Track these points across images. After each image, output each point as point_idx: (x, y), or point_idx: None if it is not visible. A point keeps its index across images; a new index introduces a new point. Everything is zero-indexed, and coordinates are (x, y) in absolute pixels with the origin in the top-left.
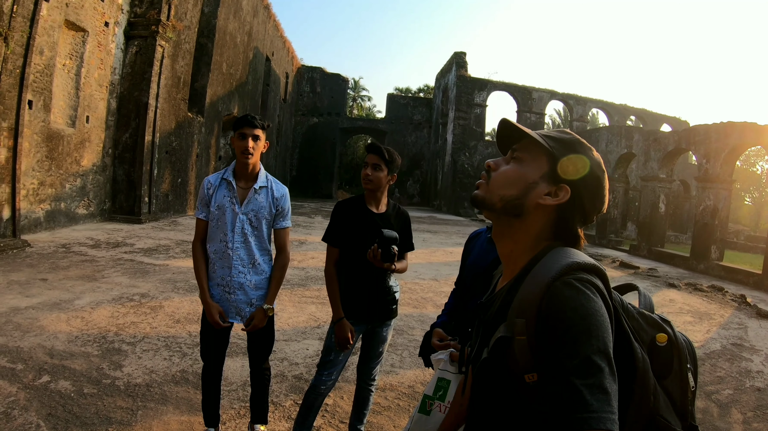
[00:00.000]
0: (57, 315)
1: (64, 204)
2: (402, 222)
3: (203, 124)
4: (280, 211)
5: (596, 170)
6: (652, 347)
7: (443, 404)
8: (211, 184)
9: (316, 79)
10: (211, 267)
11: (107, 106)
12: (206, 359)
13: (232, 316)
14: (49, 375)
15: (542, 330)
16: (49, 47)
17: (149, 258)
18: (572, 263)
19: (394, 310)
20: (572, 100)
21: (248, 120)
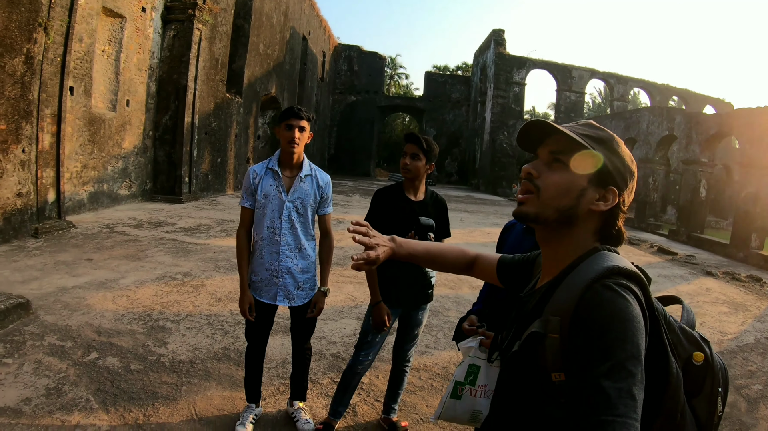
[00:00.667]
0: (103, 294)
1: (106, 185)
2: (439, 210)
3: (241, 104)
4: (325, 197)
5: (631, 163)
6: (688, 364)
7: (474, 388)
8: (257, 174)
9: (353, 57)
10: (259, 253)
11: (147, 89)
12: (251, 339)
13: (280, 299)
14: (97, 352)
15: (576, 331)
16: (88, 34)
17: (190, 237)
18: (613, 267)
19: (430, 295)
20: (613, 78)
21: (294, 111)
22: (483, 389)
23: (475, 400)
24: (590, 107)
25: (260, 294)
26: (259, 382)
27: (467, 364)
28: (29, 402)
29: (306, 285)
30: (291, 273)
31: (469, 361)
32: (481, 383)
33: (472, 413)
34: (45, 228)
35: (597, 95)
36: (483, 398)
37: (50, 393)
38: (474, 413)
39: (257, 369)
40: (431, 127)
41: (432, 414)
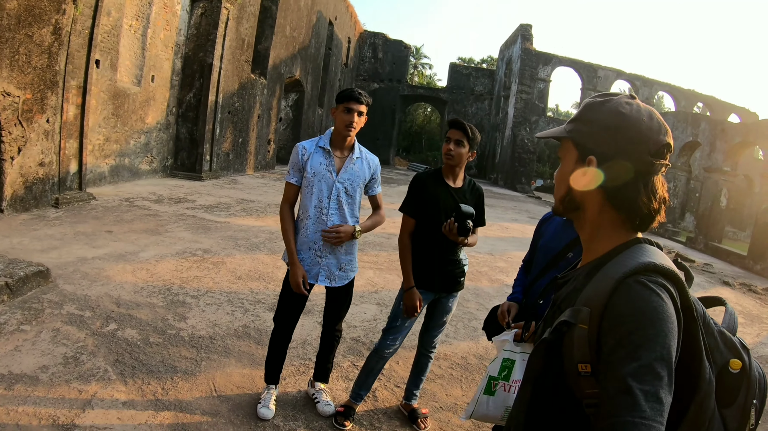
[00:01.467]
0: (123, 266)
1: (128, 159)
2: (476, 198)
3: (265, 85)
4: (375, 179)
5: (609, 117)
6: (723, 371)
7: (507, 383)
8: (306, 150)
9: (378, 44)
10: (303, 232)
11: (172, 66)
12: (280, 322)
13: (322, 279)
14: (116, 323)
15: (606, 325)
16: (116, 8)
17: (210, 215)
18: (649, 263)
19: (462, 282)
20: (638, 81)
21: (355, 96)
22: (517, 384)
23: (509, 395)
24: None
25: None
26: (281, 364)
27: (501, 358)
28: (46, 370)
29: (347, 267)
30: (335, 253)
31: (504, 355)
32: (516, 378)
33: (505, 410)
34: (66, 198)
35: None
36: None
37: (68, 361)
38: (507, 410)
39: (282, 352)
40: (454, 118)
41: (457, 406)
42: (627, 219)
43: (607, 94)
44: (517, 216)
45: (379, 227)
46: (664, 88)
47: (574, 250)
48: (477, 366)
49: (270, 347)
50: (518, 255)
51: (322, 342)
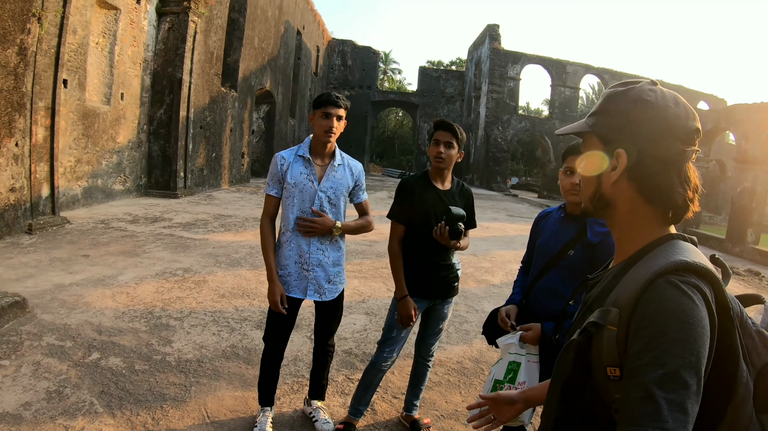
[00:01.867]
0: (102, 291)
1: (100, 180)
2: (466, 200)
3: (236, 98)
4: (359, 185)
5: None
6: (762, 374)
7: (513, 386)
8: (285, 160)
9: (347, 52)
10: (287, 245)
11: (141, 82)
12: (270, 341)
13: (311, 293)
14: (98, 352)
15: (634, 326)
16: (82, 26)
17: (188, 232)
18: (681, 262)
19: (456, 287)
20: (607, 74)
21: (333, 100)
22: (522, 386)
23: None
24: (584, 103)
25: (289, 288)
26: (275, 385)
27: (507, 361)
28: (29, 406)
29: (336, 279)
30: (322, 265)
31: (510, 358)
32: (521, 380)
33: None
34: (39, 224)
35: (591, 91)
36: None
37: (51, 396)
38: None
39: (275, 372)
40: (425, 122)
41: (458, 412)
42: (661, 213)
43: (627, 83)
44: (496, 215)
45: (360, 235)
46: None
47: (575, 248)
48: (474, 370)
49: (262, 368)
50: (501, 255)
51: (315, 358)
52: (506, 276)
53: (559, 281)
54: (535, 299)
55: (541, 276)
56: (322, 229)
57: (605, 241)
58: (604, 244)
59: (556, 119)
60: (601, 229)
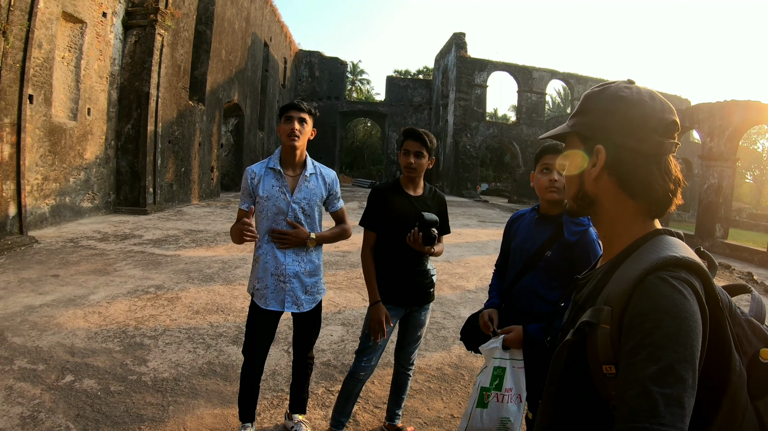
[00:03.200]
0: (73, 311)
1: (68, 198)
2: (438, 205)
3: (204, 112)
4: (334, 194)
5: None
6: (754, 362)
7: (500, 393)
8: (256, 174)
9: (315, 63)
10: (264, 258)
11: (108, 97)
12: (250, 353)
13: (288, 305)
14: (72, 375)
15: (627, 324)
16: (47, 40)
17: (159, 249)
18: (670, 257)
19: (432, 294)
20: (573, 79)
21: (294, 103)
22: (509, 393)
23: (503, 406)
24: (551, 107)
25: (266, 301)
26: (256, 400)
27: (492, 367)
28: None
29: (314, 289)
30: (299, 277)
31: (494, 363)
32: (508, 386)
33: (500, 421)
34: (6, 244)
35: (557, 96)
36: (511, 403)
37: (25, 422)
38: (503, 421)
39: (255, 386)
40: (394, 131)
41: (441, 419)
42: (644, 207)
43: (603, 83)
44: (467, 221)
45: (333, 246)
46: (599, 83)
47: (552, 248)
48: (454, 376)
49: (242, 382)
50: (475, 260)
51: (295, 371)
52: (481, 281)
53: (538, 282)
54: (515, 301)
55: (519, 278)
56: (297, 241)
57: (582, 240)
58: (581, 243)
59: (523, 124)
60: (578, 228)
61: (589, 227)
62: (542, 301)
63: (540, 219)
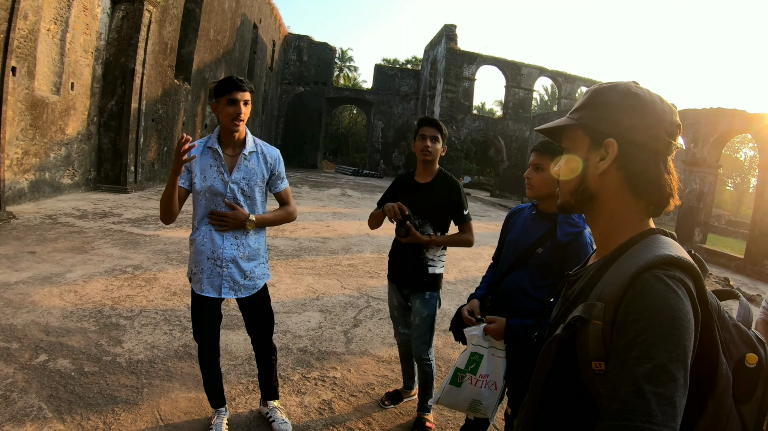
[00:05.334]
0: (49, 289)
1: (48, 174)
2: (447, 191)
3: (190, 91)
4: (277, 174)
5: (624, 98)
6: (739, 366)
7: (474, 377)
8: (192, 153)
9: (303, 47)
10: (200, 241)
11: (92, 72)
12: (200, 339)
13: (226, 291)
14: (46, 354)
15: (621, 321)
16: (33, 11)
17: (138, 228)
18: (666, 256)
19: (426, 283)
20: (561, 77)
21: (237, 84)
22: (484, 379)
23: (475, 389)
24: (537, 104)
25: (202, 287)
26: (221, 384)
27: (469, 352)
28: None
29: (253, 274)
30: (236, 261)
31: (472, 349)
32: (483, 373)
33: (471, 402)
34: None
35: (544, 93)
36: (485, 388)
37: None
38: (473, 402)
39: (215, 371)
40: (379, 119)
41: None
42: (644, 206)
43: (610, 82)
44: None
45: (313, 232)
46: (586, 83)
47: (544, 246)
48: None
49: (201, 368)
50: (455, 252)
51: (257, 362)
52: (460, 273)
53: (527, 279)
54: (503, 296)
55: (509, 272)
56: (235, 223)
57: (575, 242)
58: (573, 245)
59: (509, 119)
60: (572, 230)
61: (584, 229)
62: (529, 298)
63: (537, 216)
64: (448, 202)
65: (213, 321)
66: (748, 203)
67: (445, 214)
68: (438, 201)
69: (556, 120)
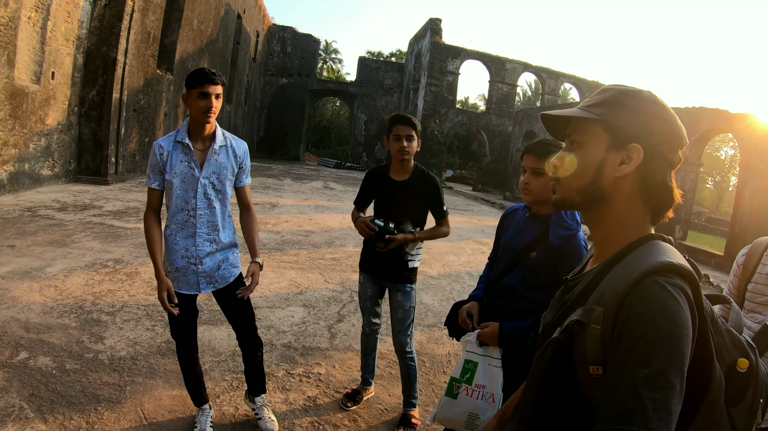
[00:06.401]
0: (29, 284)
1: (28, 165)
2: (427, 188)
3: (172, 81)
4: (243, 168)
5: (652, 106)
6: (731, 371)
7: (470, 387)
8: (164, 149)
9: (287, 39)
10: (173, 239)
11: (74, 61)
12: (178, 336)
13: (204, 286)
14: (27, 352)
15: (621, 325)
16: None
17: (119, 221)
18: (668, 263)
19: (405, 276)
20: (545, 73)
21: (209, 77)
22: (481, 390)
23: (472, 401)
24: (521, 99)
25: (179, 285)
26: (202, 382)
27: (463, 359)
28: None
29: (225, 264)
30: (210, 256)
31: (466, 356)
32: (479, 382)
33: (468, 416)
34: None
35: (528, 89)
36: (481, 400)
37: None
38: (471, 416)
39: (195, 368)
40: (362, 112)
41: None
42: (650, 212)
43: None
44: None
45: (296, 225)
46: (570, 80)
47: (537, 250)
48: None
49: (182, 366)
50: (438, 247)
51: (245, 358)
52: (443, 268)
53: (521, 281)
54: (497, 297)
55: (504, 275)
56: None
57: (568, 244)
58: (567, 247)
59: (492, 114)
60: (565, 233)
61: (578, 232)
62: (524, 300)
63: (530, 218)
64: (429, 199)
65: (189, 317)
66: (728, 201)
67: (425, 211)
68: (418, 199)
69: (571, 109)
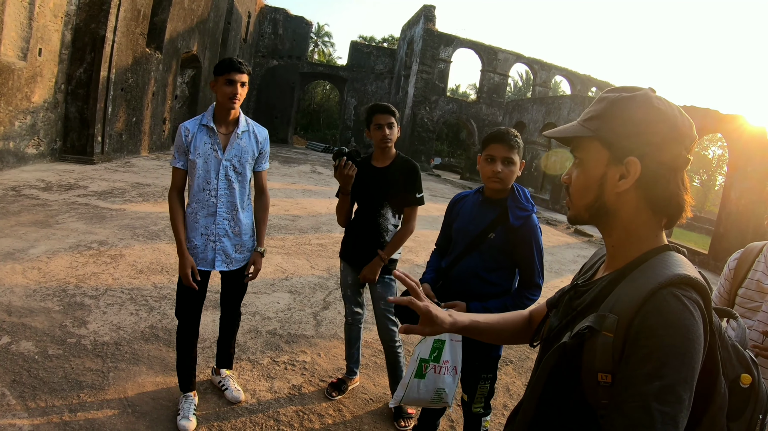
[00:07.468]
0: (11, 266)
1: (12, 143)
2: (406, 175)
3: (161, 60)
4: (264, 153)
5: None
6: (734, 385)
7: (438, 365)
8: (189, 131)
9: (279, 20)
10: (193, 217)
11: (61, 38)
12: (182, 316)
13: (219, 264)
14: (9, 336)
15: (635, 336)
16: None
17: (104, 202)
18: (684, 276)
19: (387, 267)
20: (537, 64)
21: (236, 66)
22: (446, 365)
23: (439, 377)
24: (512, 90)
25: (197, 261)
26: (194, 367)
27: (432, 339)
28: None
29: (244, 248)
30: (229, 236)
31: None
32: (445, 358)
33: (435, 392)
34: None
35: (519, 79)
36: (447, 375)
37: None
38: (438, 392)
39: (192, 351)
40: (352, 97)
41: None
42: (660, 220)
43: (626, 89)
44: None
45: (283, 209)
46: (561, 72)
47: (496, 231)
48: None
49: (178, 347)
50: (425, 234)
51: (222, 327)
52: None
53: (480, 264)
54: (454, 282)
55: (460, 258)
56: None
57: (526, 224)
58: (524, 227)
59: (483, 104)
60: (522, 213)
61: (532, 213)
62: (483, 282)
63: (484, 202)
64: (406, 184)
65: (199, 297)
66: (714, 200)
67: (404, 197)
68: (398, 185)
69: (567, 126)
